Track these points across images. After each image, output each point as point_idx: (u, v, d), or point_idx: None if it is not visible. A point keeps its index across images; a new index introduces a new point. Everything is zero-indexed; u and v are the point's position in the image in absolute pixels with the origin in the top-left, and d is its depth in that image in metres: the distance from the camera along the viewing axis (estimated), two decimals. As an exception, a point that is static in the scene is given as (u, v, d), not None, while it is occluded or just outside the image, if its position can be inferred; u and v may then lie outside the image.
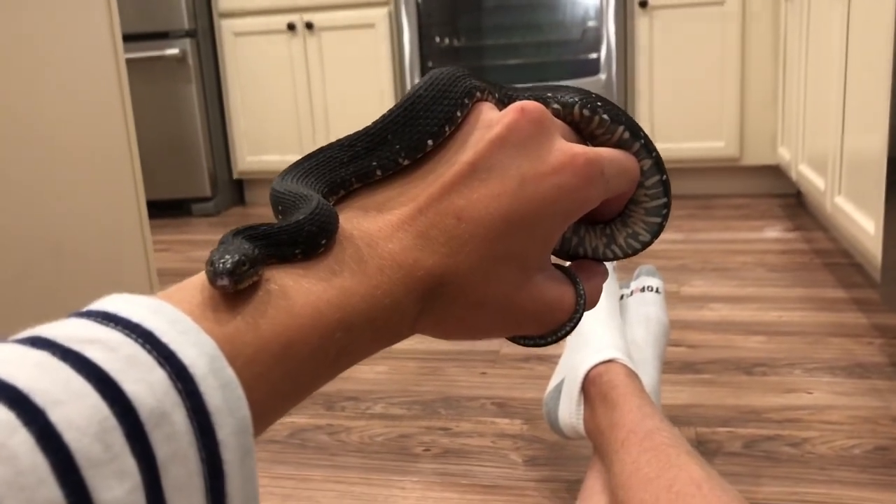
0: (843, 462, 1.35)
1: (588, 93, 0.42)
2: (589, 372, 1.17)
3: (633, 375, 1.15)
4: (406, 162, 0.37)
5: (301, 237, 0.32)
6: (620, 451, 1.00)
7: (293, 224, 0.32)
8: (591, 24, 3.19)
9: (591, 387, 1.16)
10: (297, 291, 0.31)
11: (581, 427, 1.18)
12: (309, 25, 3.39)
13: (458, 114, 0.38)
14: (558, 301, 0.40)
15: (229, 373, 0.27)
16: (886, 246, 1.67)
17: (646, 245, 0.43)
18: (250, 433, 0.27)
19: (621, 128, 0.42)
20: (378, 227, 0.35)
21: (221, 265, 0.29)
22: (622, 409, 1.07)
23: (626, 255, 0.43)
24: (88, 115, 1.18)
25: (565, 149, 0.38)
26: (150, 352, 0.26)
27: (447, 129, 0.37)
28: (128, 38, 1.71)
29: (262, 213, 3.58)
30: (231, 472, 0.26)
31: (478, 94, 0.39)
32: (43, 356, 0.24)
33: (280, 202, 0.35)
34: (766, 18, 3.06)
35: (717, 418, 1.48)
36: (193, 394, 0.26)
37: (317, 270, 0.32)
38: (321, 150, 0.38)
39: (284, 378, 0.30)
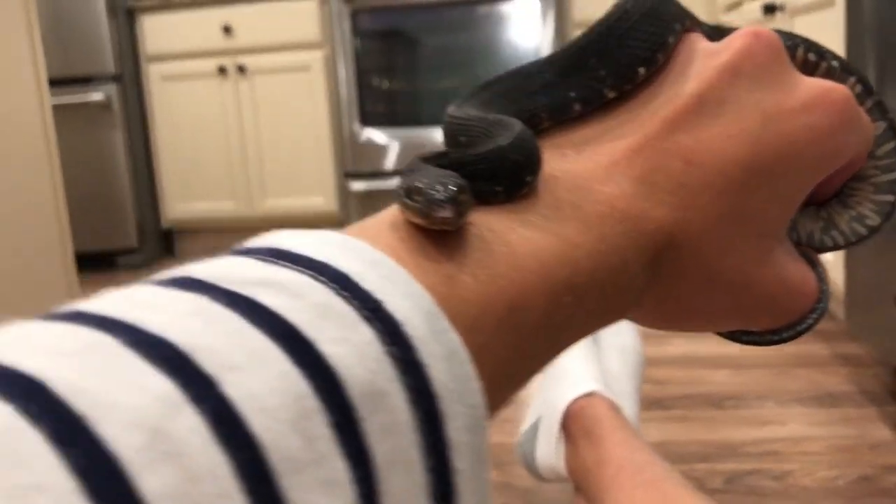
0: (828, 494, 1.30)
1: (806, 37, 0.34)
2: (569, 407, 1.10)
3: (615, 408, 1.09)
4: (612, 94, 0.30)
5: (505, 169, 0.26)
6: (612, 488, 0.95)
7: (494, 151, 0.26)
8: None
9: (573, 423, 1.09)
10: (517, 239, 0.25)
11: (562, 467, 1.11)
12: (241, 69, 3.30)
13: (671, 40, 0.31)
14: (801, 284, 0.31)
15: (455, 339, 0.20)
16: (849, 275, 1.65)
17: (874, 231, 0.35)
18: (485, 430, 0.20)
19: (852, 79, 0.34)
20: (586, 167, 0.28)
21: (440, 192, 0.23)
22: (609, 444, 1.01)
23: (849, 244, 0.35)
24: (13, 166, 1.07)
25: (814, 82, 0.30)
26: (348, 300, 0.19)
27: (660, 56, 0.31)
28: (49, 82, 1.60)
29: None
30: (464, 489, 0.19)
31: (687, 20, 0.33)
32: (200, 301, 0.18)
33: (462, 130, 0.29)
34: None
35: (694, 455, 1.43)
36: (414, 365, 0.19)
37: (526, 214, 0.26)
38: (500, 78, 0.31)
39: (508, 353, 0.23)
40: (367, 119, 3.26)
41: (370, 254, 0.21)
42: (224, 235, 3.45)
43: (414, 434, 0.18)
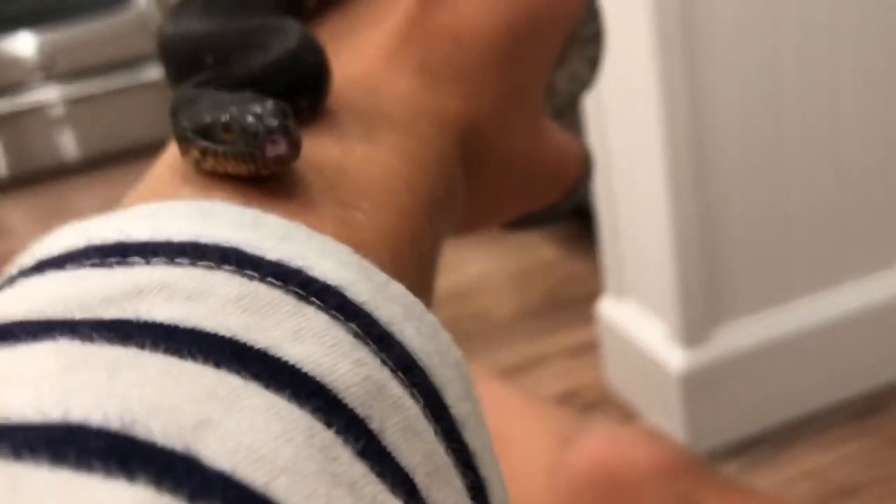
0: (524, 318, 1.45)
1: None
2: None
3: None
4: None
5: (307, 76, 0.21)
6: None
7: (286, 57, 0.21)
8: None
9: None
10: (361, 160, 0.20)
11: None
12: None
13: None
14: (571, 149, 0.30)
15: (402, 290, 0.16)
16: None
17: (587, 85, 0.34)
18: (476, 399, 0.17)
19: None
20: (361, 66, 0.24)
21: (262, 122, 0.18)
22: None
23: (569, 104, 0.34)
24: None
25: None
26: (264, 281, 0.15)
27: None
28: None
29: None
30: (489, 474, 0.16)
31: None
32: (70, 348, 0.13)
33: (206, 48, 0.23)
34: None
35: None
36: (386, 339, 0.15)
37: (342, 129, 0.21)
38: None
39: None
40: None
41: (243, 214, 0.16)
42: None
43: (425, 423, 0.15)
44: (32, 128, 2.84)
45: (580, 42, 0.34)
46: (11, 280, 0.15)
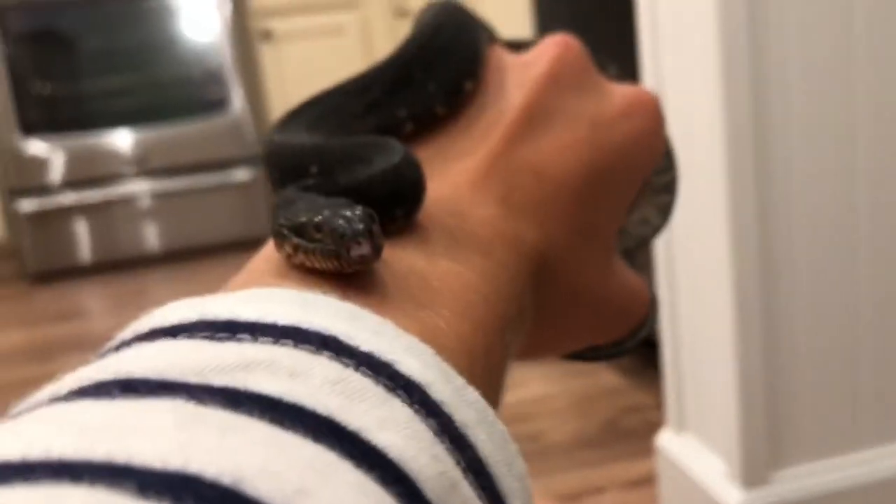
0: (580, 444, 1.44)
1: None
2: None
3: None
4: (442, 111, 0.28)
5: (405, 190, 0.23)
6: None
7: (390, 170, 0.23)
8: (211, 59, 3.01)
9: None
10: (444, 272, 0.22)
11: None
12: None
13: (485, 52, 0.30)
14: (638, 289, 0.32)
15: (476, 396, 0.18)
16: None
17: (657, 230, 0.35)
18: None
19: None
20: (447, 190, 0.26)
21: (350, 224, 0.19)
22: None
23: (638, 247, 0.35)
24: None
25: (625, 88, 0.31)
26: (359, 369, 0.16)
27: (481, 69, 0.29)
28: None
29: None
30: None
31: (488, 31, 0.32)
32: (185, 407, 0.14)
33: (311, 157, 0.25)
34: (387, 43, 3.01)
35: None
36: (460, 440, 0.16)
37: (428, 244, 0.23)
38: (318, 98, 0.28)
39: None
40: (29, 128, 2.89)
41: (340, 307, 0.18)
42: None
43: None
44: (120, 218, 2.97)
45: (654, 189, 0.35)
46: (128, 343, 0.17)
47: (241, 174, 2.97)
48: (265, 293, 0.18)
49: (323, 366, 0.16)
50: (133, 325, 0.18)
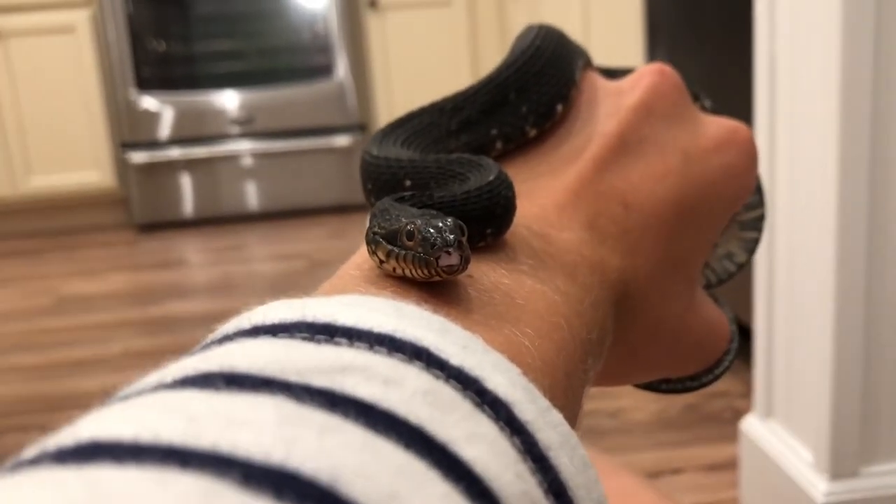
0: (661, 425, 1.43)
1: None
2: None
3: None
4: (533, 132, 0.29)
5: (498, 208, 0.23)
6: None
7: (485, 188, 0.23)
8: (318, 26, 3.07)
9: None
10: (529, 293, 0.22)
11: None
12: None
13: (578, 76, 0.30)
14: (720, 324, 0.31)
15: (560, 419, 0.18)
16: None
17: (741, 266, 0.35)
18: None
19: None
20: (533, 211, 0.26)
21: (441, 234, 0.20)
22: None
23: (720, 281, 0.35)
24: None
25: (720, 121, 0.31)
26: (449, 382, 0.16)
27: (572, 93, 0.30)
28: None
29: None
30: None
31: (584, 57, 0.32)
32: (286, 405, 0.14)
33: (406, 172, 0.26)
34: (493, 18, 3.06)
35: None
36: (543, 461, 0.16)
37: (514, 263, 0.23)
38: (414, 114, 0.29)
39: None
40: (143, 84, 2.99)
41: (432, 319, 0.18)
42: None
43: None
44: (223, 175, 3.07)
45: (742, 225, 0.34)
46: (230, 338, 0.18)
47: (341, 140, 3.04)
48: (362, 300, 0.18)
49: (415, 376, 0.16)
50: (235, 321, 0.18)
